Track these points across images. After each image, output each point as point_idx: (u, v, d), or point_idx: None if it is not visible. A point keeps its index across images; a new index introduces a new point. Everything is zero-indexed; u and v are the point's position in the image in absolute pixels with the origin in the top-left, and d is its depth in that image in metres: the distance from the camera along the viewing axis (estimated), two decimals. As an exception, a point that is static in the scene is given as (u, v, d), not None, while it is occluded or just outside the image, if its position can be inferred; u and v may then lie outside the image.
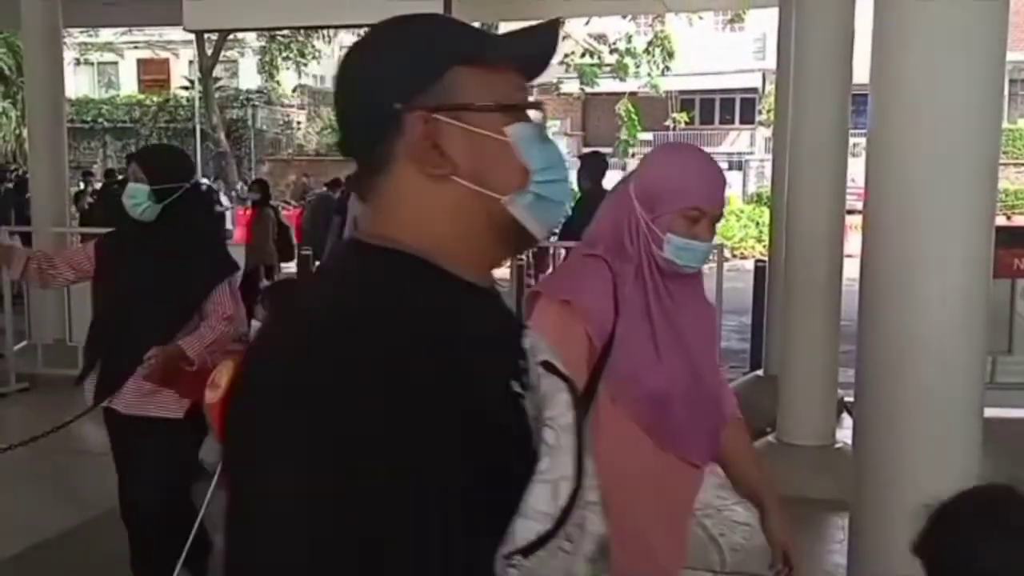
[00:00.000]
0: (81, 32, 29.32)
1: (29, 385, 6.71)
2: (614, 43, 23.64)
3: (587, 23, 20.22)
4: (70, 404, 5.22)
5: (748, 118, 35.06)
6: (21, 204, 12.06)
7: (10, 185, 14.82)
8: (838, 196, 4.90)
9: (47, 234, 7.42)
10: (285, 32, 27.57)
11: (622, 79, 24.21)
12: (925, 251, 2.35)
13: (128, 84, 35.70)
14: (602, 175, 6.52)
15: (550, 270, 10.59)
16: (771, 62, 16.50)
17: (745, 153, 33.93)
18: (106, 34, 32.22)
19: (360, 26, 15.96)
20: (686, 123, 32.41)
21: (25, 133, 18.23)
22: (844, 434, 5.10)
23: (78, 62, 32.42)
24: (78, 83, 30.85)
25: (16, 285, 7.09)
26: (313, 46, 31.12)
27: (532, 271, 9.68)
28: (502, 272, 12.25)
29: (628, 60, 23.55)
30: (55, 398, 5.34)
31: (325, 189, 13.57)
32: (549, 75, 31.98)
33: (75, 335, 6.65)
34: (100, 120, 29.42)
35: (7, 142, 25.49)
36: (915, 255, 2.37)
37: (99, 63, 35.91)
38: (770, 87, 30.95)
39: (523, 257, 8.58)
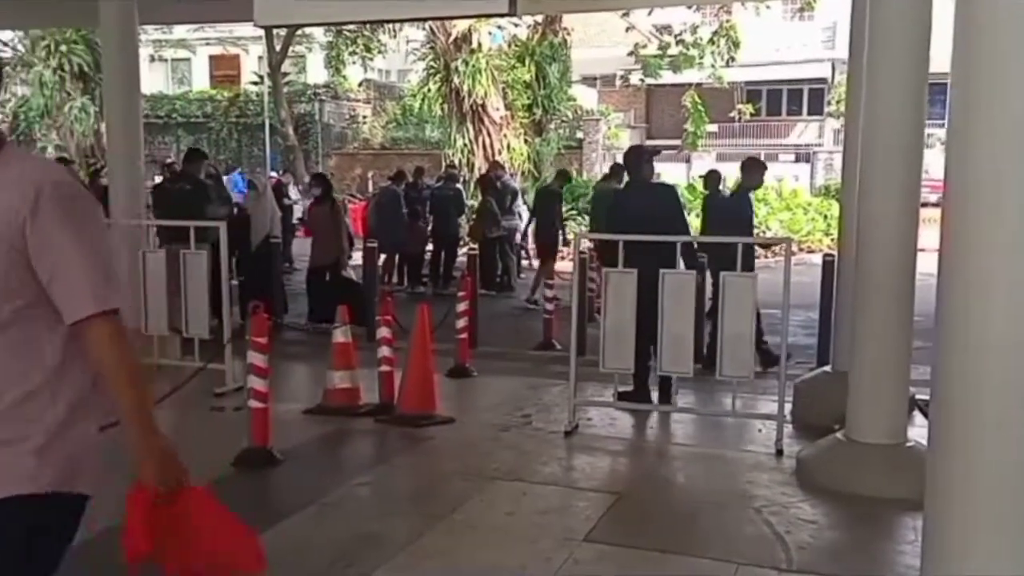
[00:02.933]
0: (155, 29, 30.11)
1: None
2: (679, 34, 23.34)
3: (650, 13, 20.00)
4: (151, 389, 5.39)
5: (816, 109, 34.34)
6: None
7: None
8: (912, 189, 4.78)
9: (123, 227, 7.63)
10: (351, 27, 27.88)
11: (689, 69, 23.88)
12: (1011, 245, 2.28)
13: (200, 80, 36.54)
14: (646, 168, 6.49)
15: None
16: (841, 51, 16.11)
17: (813, 145, 33.27)
18: (179, 31, 33.04)
19: (425, 20, 16.07)
20: (752, 115, 31.88)
21: (103, 128, 18.79)
22: (916, 432, 4.99)
23: (152, 59, 33.31)
24: (153, 79, 31.66)
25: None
26: (379, 40, 31.39)
27: (595, 264, 9.67)
28: (565, 265, 12.24)
29: (693, 51, 23.23)
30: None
31: (390, 183, 13.69)
32: (612, 67, 31.86)
33: (151, 326, 6.83)
34: (174, 115, 30.11)
35: (86, 137, 26.26)
36: (1000, 249, 2.30)
37: (172, 60, 36.82)
38: (840, 77, 30.27)
39: (584, 250, 8.59)
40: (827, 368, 6.41)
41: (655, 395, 6.12)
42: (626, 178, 7.28)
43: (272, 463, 4.96)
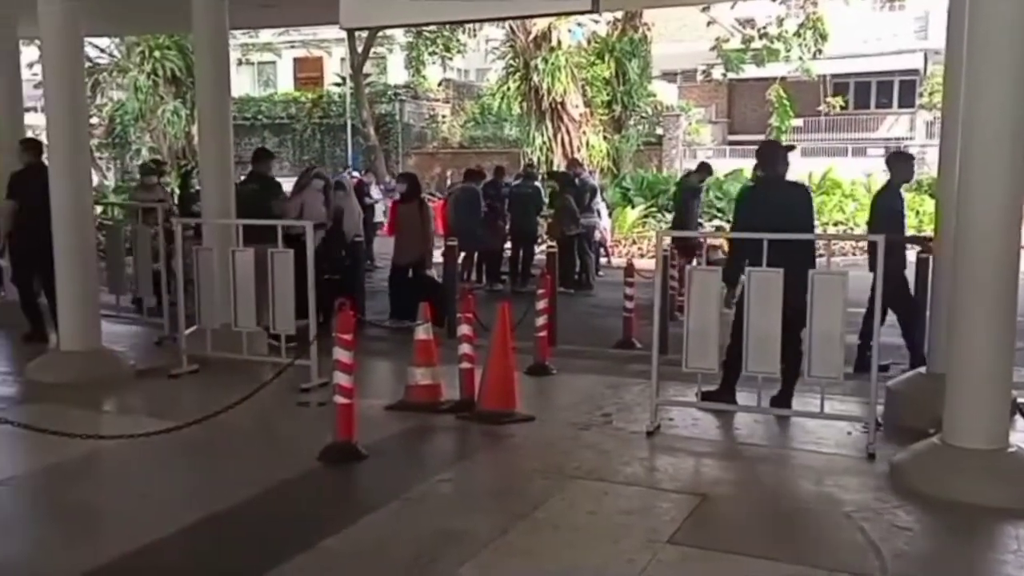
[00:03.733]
0: (243, 34, 30.90)
1: (199, 367, 7.13)
2: (763, 27, 22.88)
3: (733, 7, 19.65)
4: (237, 385, 5.54)
5: (908, 102, 33.23)
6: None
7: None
8: (1016, 184, 4.56)
9: (213, 226, 7.85)
10: (431, 28, 28.14)
11: (773, 62, 23.38)
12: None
13: (285, 82, 37.40)
14: (782, 165, 6.30)
15: (695, 262, 10.41)
16: (934, 41, 15.55)
17: (904, 139, 32.19)
18: (265, 35, 33.86)
19: (507, 19, 16.10)
20: (840, 108, 31.03)
21: (195, 130, 19.37)
22: (1017, 437, 4.79)
23: (240, 62, 34.17)
24: (240, 82, 32.49)
25: (188, 272, 7.55)
26: (458, 40, 31.64)
27: (676, 261, 9.53)
28: (647, 263, 12.11)
29: (778, 44, 22.74)
30: (222, 379, 5.68)
31: (464, 181, 13.75)
32: (693, 62, 31.49)
33: (240, 322, 7.02)
34: (259, 117, 30.89)
35: (178, 140, 27.14)
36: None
37: (259, 63, 37.77)
38: (932, 68, 29.29)
39: (667, 248, 8.47)
40: (922, 370, 6.19)
41: (749, 398, 5.98)
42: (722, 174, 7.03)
43: (356, 458, 5.03)
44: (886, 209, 7.43)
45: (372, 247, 14.91)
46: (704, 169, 12.40)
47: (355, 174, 21.46)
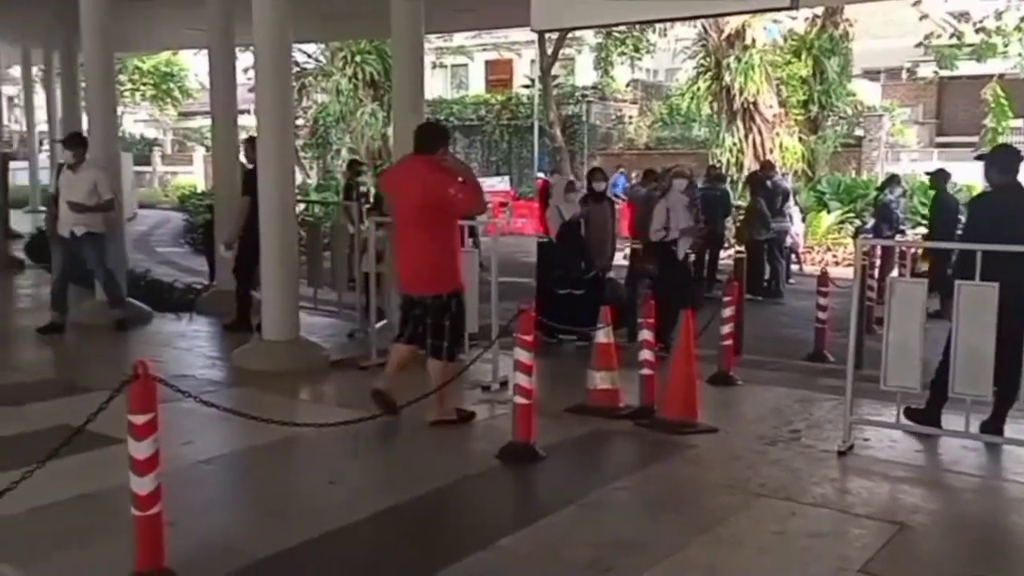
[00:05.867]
0: (437, 37, 31.97)
1: (386, 361, 7.38)
2: (980, 21, 21.24)
3: (946, 0, 18.38)
4: (421, 380, 5.69)
5: None
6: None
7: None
8: None
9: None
10: (621, 28, 28.02)
11: (991, 58, 21.66)
12: None
13: (476, 84, 38.35)
14: (1017, 170, 5.78)
15: (895, 271, 9.76)
16: None
17: None
18: (459, 38, 34.86)
19: (701, 18, 15.76)
20: (1066, 108, 28.26)
21: (390, 131, 20.22)
22: None
23: (434, 65, 35.39)
24: (433, 85, 33.59)
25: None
26: (648, 40, 31.33)
27: (875, 271, 9.00)
28: (844, 271, 11.51)
29: (996, 39, 21.04)
30: (409, 373, 5.84)
31: (655, 184, 13.54)
32: (898, 59, 29.70)
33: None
34: (451, 119, 31.80)
35: (375, 141, 28.43)
36: None
37: (452, 65, 38.96)
38: None
39: (866, 256, 7.99)
40: None
41: (956, 422, 5.53)
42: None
43: (534, 459, 5.04)
44: None
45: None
46: (941, 175, 11.41)
47: (540, 175, 21.72)
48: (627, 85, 33.40)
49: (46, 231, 10.00)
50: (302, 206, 16.03)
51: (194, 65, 40.00)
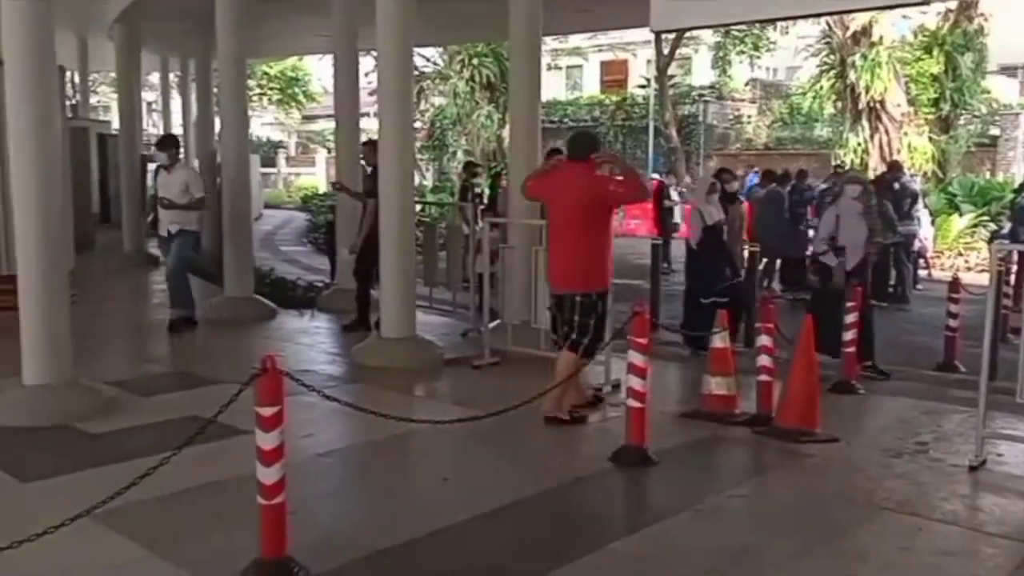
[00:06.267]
0: (552, 39, 32.04)
1: (500, 360, 7.47)
2: None
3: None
4: (534, 380, 5.72)
5: None
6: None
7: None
8: None
9: (520, 226, 8.17)
10: (741, 26, 27.45)
11: None
12: None
13: (590, 85, 38.26)
14: None
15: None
16: None
17: None
18: (574, 39, 34.86)
19: (823, 15, 15.27)
20: None
21: (505, 133, 20.43)
22: None
23: (549, 67, 35.48)
24: (548, 86, 33.63)
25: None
26: (768, 38, 30.60)
27: (1011, 277, 8.55)
28: (976, 277, 10.94)
29: None
30: (521, 373, 5.89)
31: (773, 185, 13.22)
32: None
33: (539, 319, 7.25)
34: (564, 120, 31.82)
35: (490, 142, 28.76)
36: None
37: (567, 67, 38.98)
38: None
39: (1002, 261, 7.58)
40: None
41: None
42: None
43: (647, 463, 4.98)
44: None
45: (669, 249, 14.82)
46: None
47: (655, 176, 21.49)
48: (746, 84, 32.70)
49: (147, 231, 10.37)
50: (418, 207, 16.33)
51: (318, 70, 41.38)
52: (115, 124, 20.47)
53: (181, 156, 9.09)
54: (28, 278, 5.81)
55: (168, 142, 9.14)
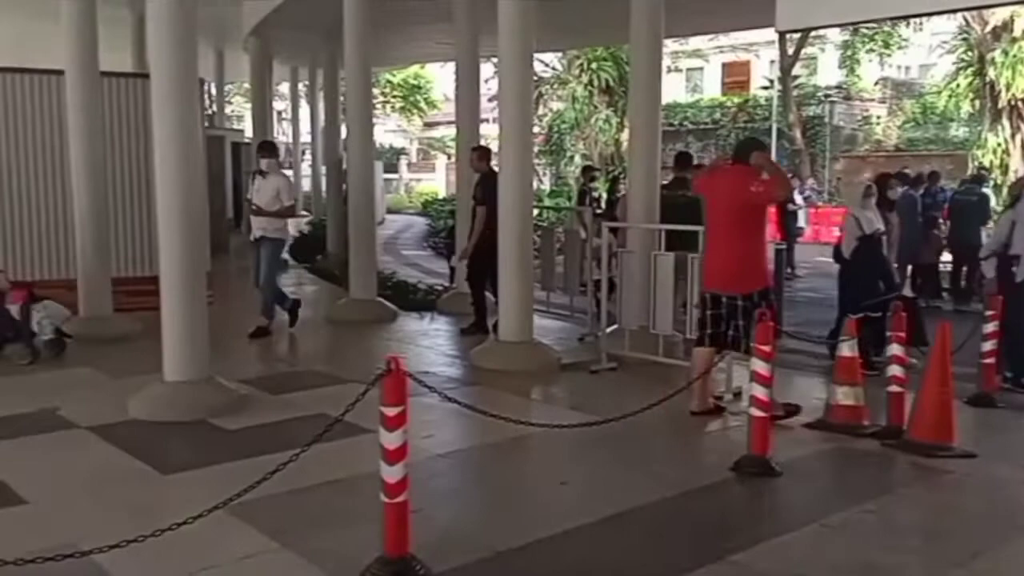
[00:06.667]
0: (673, 41, 31.66)
1: (617, 365, 7.42)
2: None
3: None
4: (651, 386, 5.66)
5: None
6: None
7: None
8: None
9: (638, 231, 8.10)
10: (870, 24, 26.45)
11: None
12: None
13: (711, 87, 37.60)
14: None
15: None
16: None
17: None
18: (695, 42, 34.35)
19: (961, 10, 14.54)
20: None
21: (623, 137, 20.32)
22: None
23: (669, 70, 35.05)
24: (668, 88, 33.26)
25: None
26: (899, 36, 29.39)
27: None
28: None
29: None
30: (638, 379, 5.84)
31: (907, 187, 12.64)
32: None
33: (657, 325, 7.17)
34: (684, 123, 31.37)
35: (608, 147, 28.64)
36: None
37: (687, 69, 38.44)
38: None
39: None
40: None
41: None
42: None
43: (770, 473, 4.86)
44: None
45: (793, 254, 14.41)
46: None
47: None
48: (875, 84, 31.47)
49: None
50: (536, 211, 16.42)
51: (439, 77, 42.16)
52: (248, 133, 21.42)
53: (279, 162, 9.10)
54: (170, 279, 6.14)
55: (268, 147, 9.07)
